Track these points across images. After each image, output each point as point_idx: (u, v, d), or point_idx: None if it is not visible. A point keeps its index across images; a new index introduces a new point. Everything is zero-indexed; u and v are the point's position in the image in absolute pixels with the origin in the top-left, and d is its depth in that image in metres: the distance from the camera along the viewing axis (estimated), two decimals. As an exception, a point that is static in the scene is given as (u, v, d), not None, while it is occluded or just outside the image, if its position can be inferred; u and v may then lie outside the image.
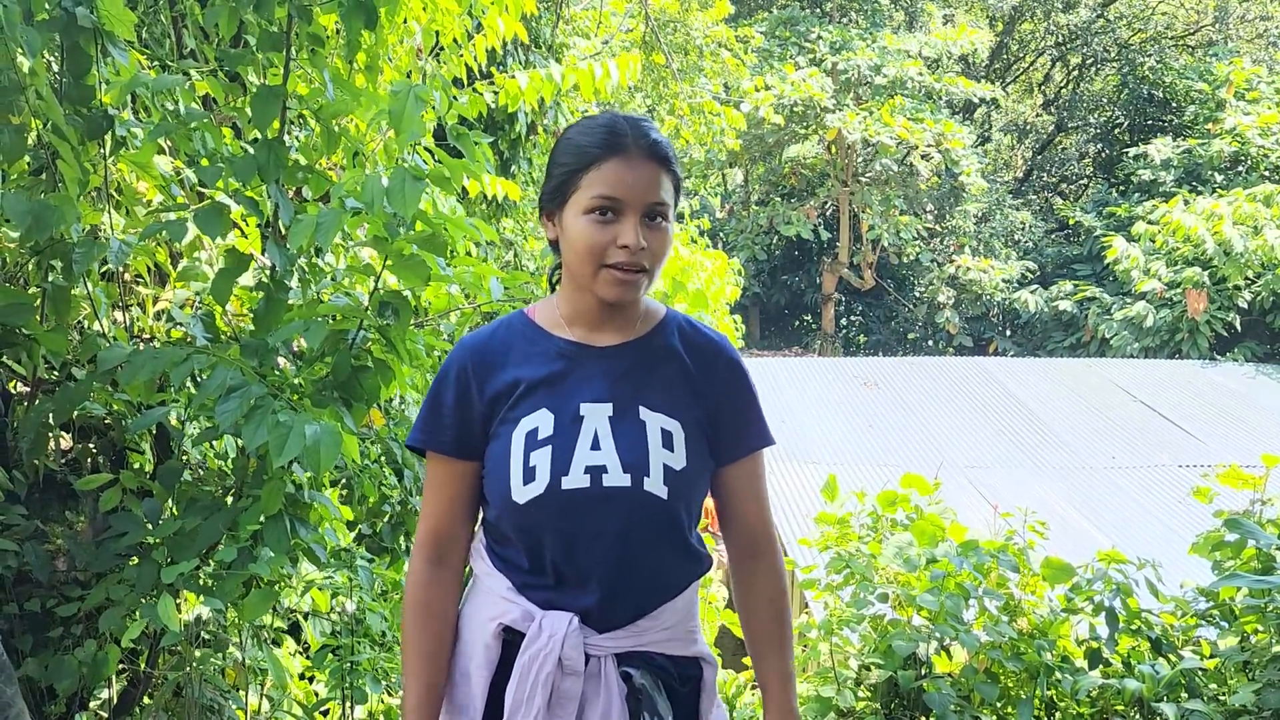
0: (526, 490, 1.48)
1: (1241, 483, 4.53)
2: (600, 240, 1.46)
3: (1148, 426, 11.49)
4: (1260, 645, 3.77)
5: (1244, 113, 17.53)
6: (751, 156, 19.82)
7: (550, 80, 4.45)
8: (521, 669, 1.47)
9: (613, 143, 1.47)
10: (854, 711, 3.69)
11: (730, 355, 1.64)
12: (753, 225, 19.71)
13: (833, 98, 17.28)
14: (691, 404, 1.56)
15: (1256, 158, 16.84)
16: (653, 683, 1.49)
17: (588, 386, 1.53)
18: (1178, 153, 17.90)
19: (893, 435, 11.01)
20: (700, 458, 1.55)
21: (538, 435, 1.50)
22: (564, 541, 1.48)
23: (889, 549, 3.82)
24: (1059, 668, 3.78)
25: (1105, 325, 16.10)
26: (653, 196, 1.47)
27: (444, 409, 1.56)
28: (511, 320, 1.62)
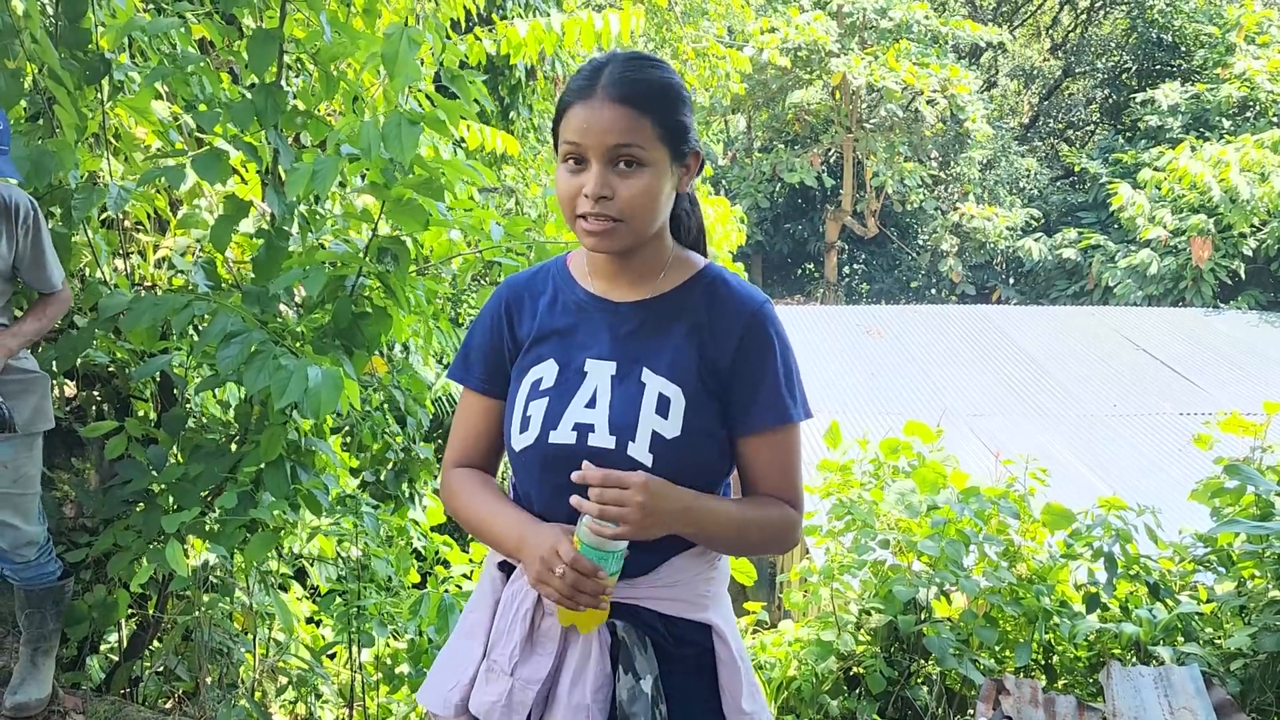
0: (521, 439, 1.48)
1: (1242, 430, 4.54)
2: (569, 190, 1.41)
3: (1150, 374, 11.49)
4: (1257, 590, 3.80)
5: (1254, 57, 17.25)
6: (755, 102, 19.58)
7: (550, 31, 4.39)
8: (504, 601, 1.50)
9: (583, 87, 1.41)
10: (854, 655, 3.74)
11: (756, 320, 1.47)
12: (755, 172, 19.53)
13: (837, 41, 17.02)
14: (699, 369, 1.46)
15: (1266, 103, 16.63)
16: (637, 637, 1.44)
17: (595, 342, 1.50)
18: (1186, 98, 17.66)
19: (895, 383, 11.01)
20: (705, 426, 1.45)
21: (540, 385, 1.49)
22: (547, 493, 1.47)
23: (891, 495, 3.84)
24: (1057, 612, 3.82)
25: (1109, 273, 16.03)
26: (612, 139, 1.37)
27: (479, 345, 1.59)
28: (553, 265, 1.60)
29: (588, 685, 1.44)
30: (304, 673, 3.15)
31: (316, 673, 3.16)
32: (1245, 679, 3.54)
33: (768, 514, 1.48)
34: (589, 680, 1.44)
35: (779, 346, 1.48)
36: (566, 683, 1.44)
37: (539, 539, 1.41)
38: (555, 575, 1.36)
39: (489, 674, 1.47)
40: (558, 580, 1.35)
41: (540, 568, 1.38)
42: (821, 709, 3.63)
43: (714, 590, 1.54)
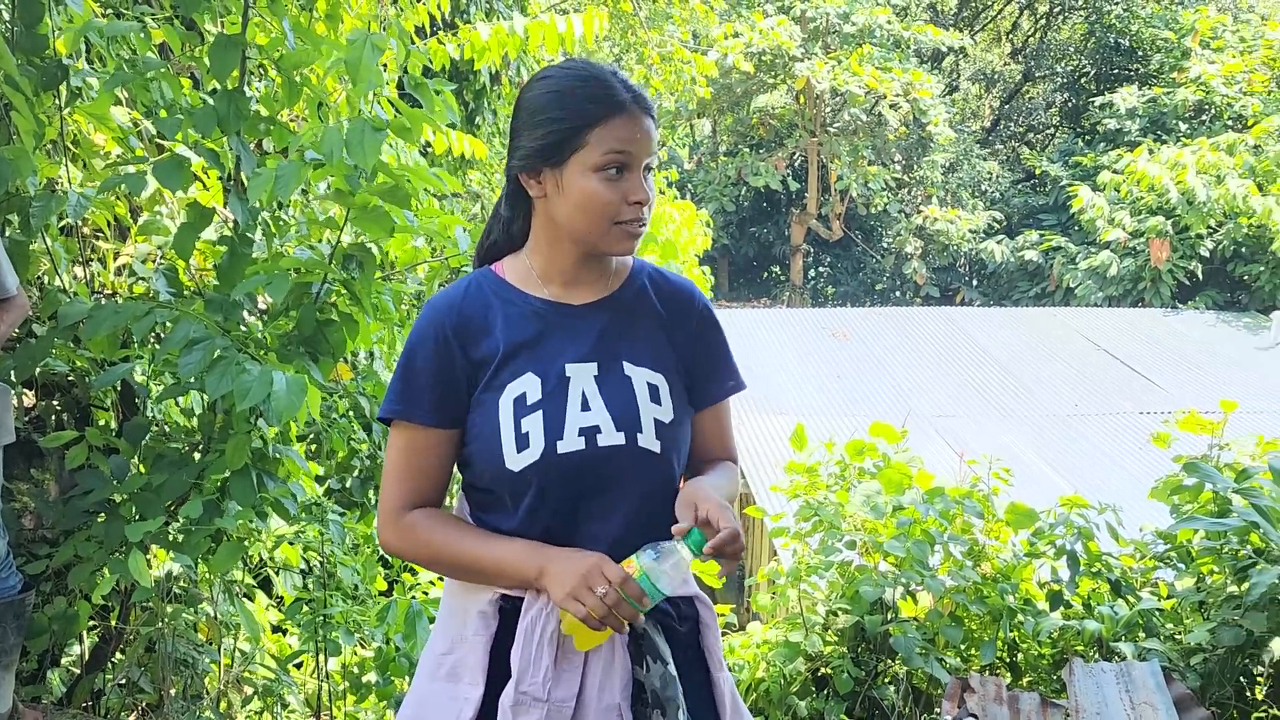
0: (521, 457, 1.46)
1: (1200, 428, 4.62)
2: (613, 198, 1.45)
3: (1110, 374, 11.67)
4: (1215, 585, 3.87)
5: (1209, 61, 17.59)
6: (720, 107, 19.66)
7: (514, 35, 4.39)
8: (525, 631, 1.46)
9: (616, 99, 1.46)
10: (822, 656, 3.76)
11: (702, 303, 1.63)
12: (721, 176, 19.62)
13: (801, 46, 17.14)
14: (670, 354, 1.57)
15: (1220, 106, 16.94)
16: (653, 626, 1.49)
17: (570, 346, 1.52)
18: (1143, 102, 17.96)
19: (861, 385, 11.10)
20: (683, 407, 1.56)
21: (526, 400, 1.48)
22: (563, 504, 1.48)
23: (857, 497, 3.87)
24: (1021, 610, 3.86)
25: (1070, 274, 16.26)
26: (653, 150, 1.49)
27: (422, 375, 1.51)
28: (480, 279, 1.57)
29: (616, 685, 1.47)
30: (270, 683, 3.13)
31: (283, 682, 3.13)
32: (1205, 673, 3.60)
33: (732, 474, 1.64)
34: (617, 680, 1.47)
35: (719, 324, 1.64)
36: (594, 689, 1.46)
37: (574, 561, 1.42)
38: (594, 593, 1.38)
39: (518, 708, 1.44)
40: (594, 599, 1.38)
41: (578, 584, 1.39)
42: (790, 710, 3.65)
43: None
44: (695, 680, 1.55)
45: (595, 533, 1.48)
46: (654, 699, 1.47)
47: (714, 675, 1.57)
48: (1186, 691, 2.85)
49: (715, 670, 1.58)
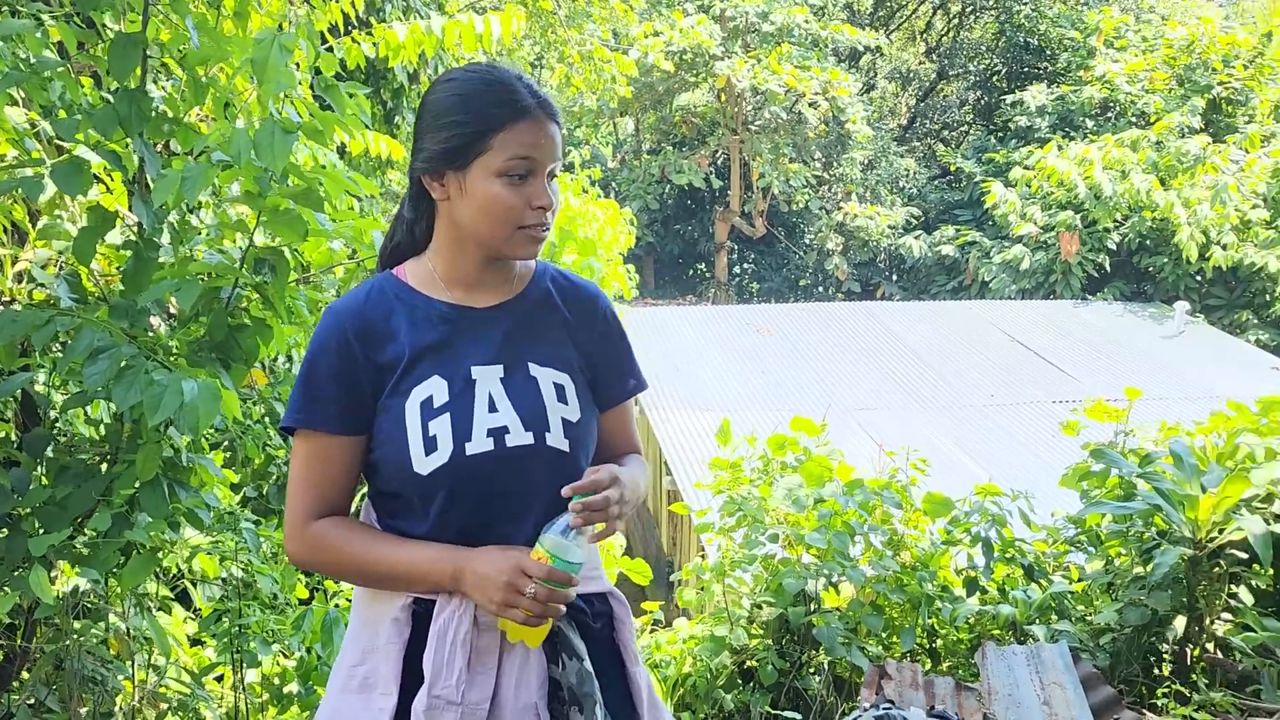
0: (430, 460, 1.45)
1: (1106, 415, 4.78)
2: (517, 202, 1.46)
3: (1024, 364, 11.99)
4: (1123, 567, 4.01)
5: (1113, 60, 18.17)
6: (642, 105, 19.72)
7: (430, 34, 4.34)
8: (438, 634, 1.45)
9: (521, 103, 1.46)
10: (747, 648, 3.80)
11: (605, 303, 1.66)
12: (645, 174, 19.68)
13: (721, 45, 17.27)
14: (575, 355, 1.59)
15: (1125, 104, 17.51)
16: (568, 623, 1.50)
17: (476, 349, 1.52)
18: (1052, 99, 18.48)
19: (785, 380, 11.23)
20: (590, 407, 1.58)
21: (433, 403, 1.47)
22: (474, 506, 1.48)
23: (779, 490, 3.92)
24: (939, 597, 3.96)
25: (985, 268, 16.66)
26: (558, 156, 1.49)
27: (325, 383, 1.49)
28: (382, 284, 1.56)
29: (532, 684, 1.47)
30: (185, 698, 3.05)
31: (199, 696, 3.06)
32: (1114, 652, 3.73)
33: (641, 468, 1.67)
34: (533, 680, 1.48)
35: (621, 326, 1.68)
36: (510, 689, 1.47)
37: (490, 564, 1.42)
38: (526, 594, 1.39)
39: (432, 712, 1.43)
40: (528, 600, 1.39)
41: (506, 593, 1.39)
42: (716, 704, 3.69)
43: (599, 559, 1.66)
44: (612, 675, 1.56)
45: (508, 532, 1.49)
46: (571, 696, 1.48)
47: (630, 670, 1.59)
48: (1093, 670, 2.95)
49: (631, 665, 1.60)
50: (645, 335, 12.57)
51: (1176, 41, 17.40)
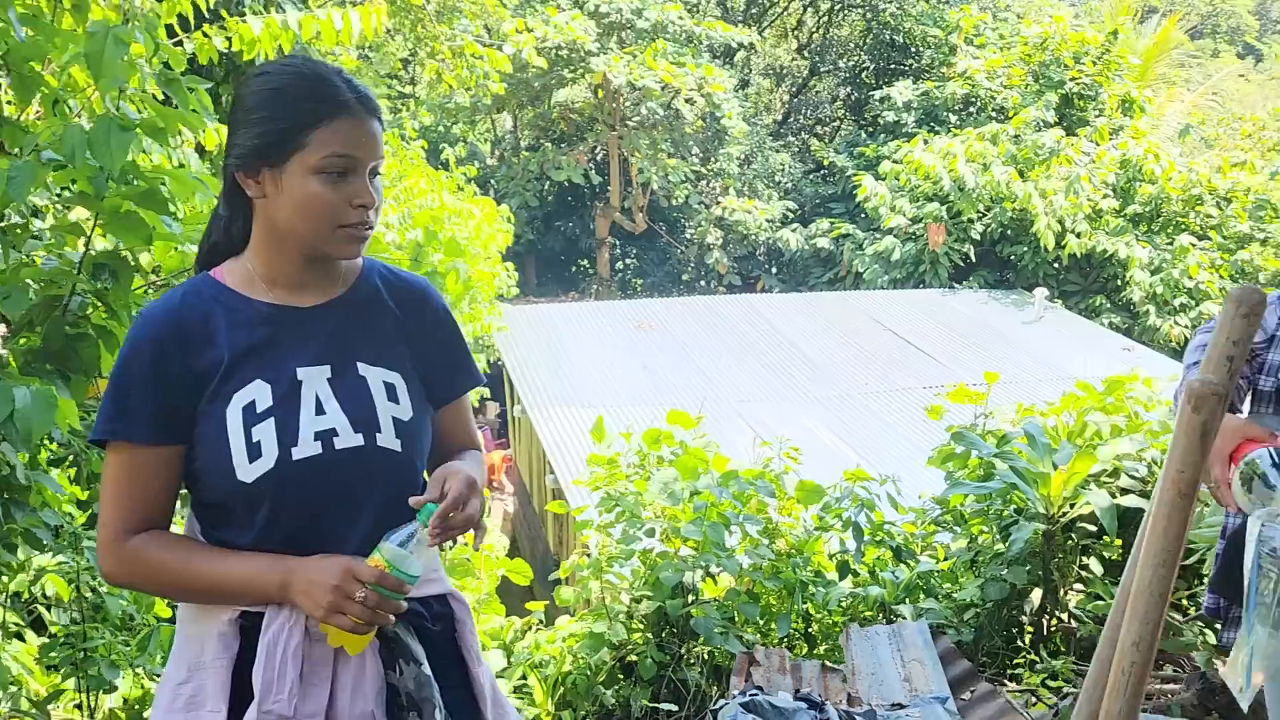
0: (254, 468, 1.40)
1: (968, 399, 4.96)
2: (336, 200, 1.42)
3: (897, 352, 12.38)
4: (985, 545, 4.17)
5: (973, 57, 18.91)
6: (519, 101, 19.58)
7: (287, 29, 4.22)
8: (267, 648, 1.40)
9: (339, 99, 1.42)
10: (627, 643, 3.82)
11: (436, 299, 1.63)
12: (523, 171, 19.54)
13: (597, 41, 17.29)
14: (406, 353, 1.56)
15: (985, 99, 18.23)
16: (405, 628, 1.48)
17: (301, 350, 1.47)
18: (917, 95, 19.12)
19: (667, 375, 11.33)
20: (422, 405, 1.55)
21: (256, 408, 1.42)
22: (304, 511, 1.43)
23: (654, 485, 3.95)
24: (813, 582, 4.05)
25: (858, 260, 17.12)
26: (380, 154, 1.46)
27: (137, 391, 1.42)
28: (199, 286, 1.50)
29: (369, 692, 1.44)
30: (35, 727, 2.89)
31: (49, 726, 2.90)
32: (978, 626, 3.88)
33: (480, 462, 1.65)
34: (369, 688, 1.44)
35: (454, 321, 1.65)
36: (346, 699, 1.43)
37: (319, 571, 1.38)
38: (354, 601, 1.35)
39: None
40: (356, 606, 1.35)
41: (334, 597, 1.36)
42: (597, 700, 3.69)
43: (439, 559, 1.63)
44: (454, 678, 1.55)
45: (342, 537, 1.45)
46: (409, 701, 1.46)
47: (473, 671, 1.58)
48: (951, 646, 3.07)
49: (474, 666, 1.58)
50: (527, 333, 12.51)
51: (1031, 39, 18.21)
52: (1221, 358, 1.15)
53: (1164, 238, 15.04)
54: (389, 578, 1.36)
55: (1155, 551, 1.12)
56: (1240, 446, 1.51)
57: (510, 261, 13.64)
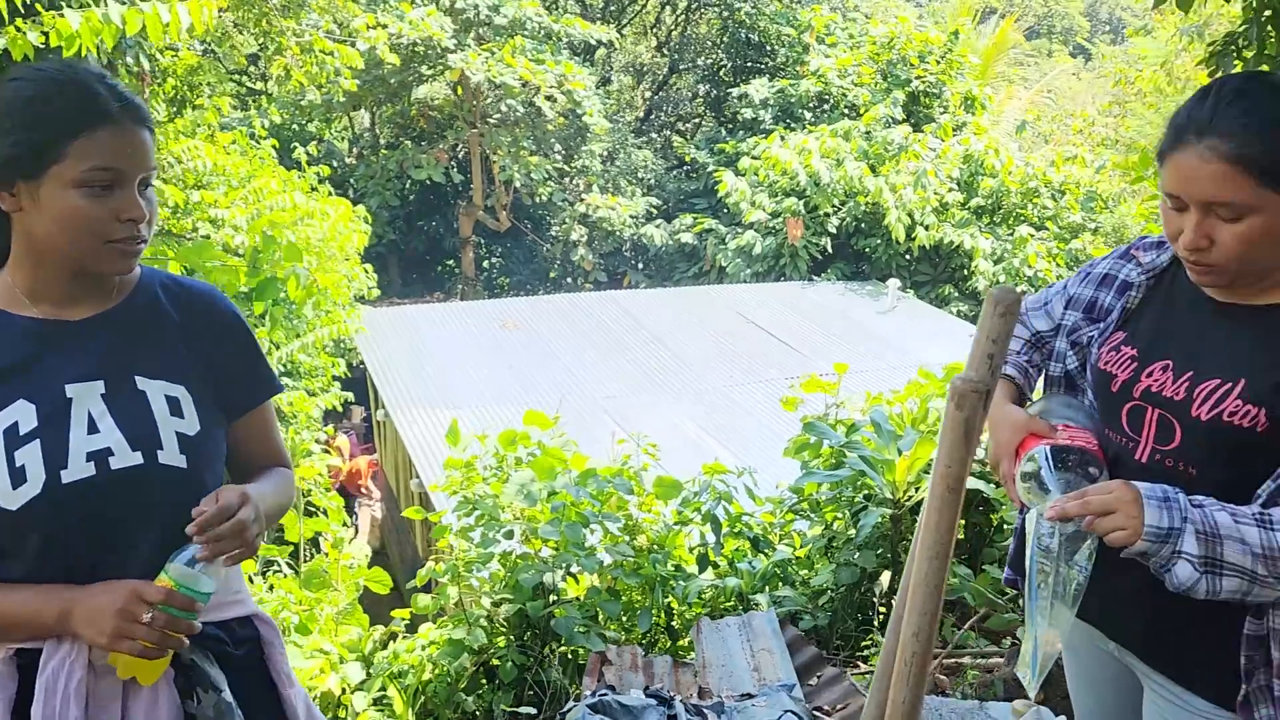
0: (18, 494, 1.32)
1: (821, 389, 5.09)
2: (101, 215, 1.34)
3: (759, 344, 12.64)
4: (840, 531, 4.29)
5: (825, 55, 19.48)
6: (376, 98, 19.11)
7: (109, 22, 4.01)
8: (46, 686, 1.32)
9: (101, 108, 1.34)
10: (487, 648, 3.78)
11: (225, 306, 1.57)
12: (382, 170, 19.08)
13: (454, 37, 17.02)
14: (193, 364, 1.49)
15: (837, 96, 18.79)
16: (203, 654, 1.42)
17: (69, 366, 1.39)
18: (773, 92, 19.55)
19: (534, 374, 11.27)
20: (214, 418, 1.49)
21: (19, 430, 1.34)
22: (81, 538, 1.35)
23: (511, 487, 3.92)
24: (673, 576, 4.09)
25: (722, 254, 17.40)
26: (150, 164, 1.39)
27: None
28: None
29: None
30: None
31: None
32: (832, 611, 3.99)
33: (282, 479, 1.58)
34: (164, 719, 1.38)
35: (247, 326, 1.58)
36: None
37: (101, 597, 1.31)
38: (142, 625, 1.28)
39: None
40: (144, 629, 1.28)
41: (119, 621, 1.28)
42: (458, 707, 3.64)
43: (241, 580, 1.57)
44: (263, 701, 1.50)
45: (125, 562, 1.37)
46: None
47: (284, 693, 1.54)
48: (798, 633, 3.14)
49: (285, 688, 1.54)
50: (390, 335, 12.25)
51: (879, 39, 18.87)
52: (983, 355, 1.21)
53: (1005, 229, 15.82)
54: (177, 596, 1.30)
55: (929, 545, 1.17)
56: (1025, 441, 1.59)
57: (371, 263, 13.31)
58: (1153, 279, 1.67)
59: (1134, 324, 1.66)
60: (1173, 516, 1.40)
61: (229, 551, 1.34)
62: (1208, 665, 1.55)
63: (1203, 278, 1.51)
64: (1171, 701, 1.61)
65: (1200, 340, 1.55)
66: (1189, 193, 1.43)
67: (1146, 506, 1.41)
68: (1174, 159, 1.45)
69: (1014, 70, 28.71)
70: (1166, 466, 1.53)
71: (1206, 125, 1.41)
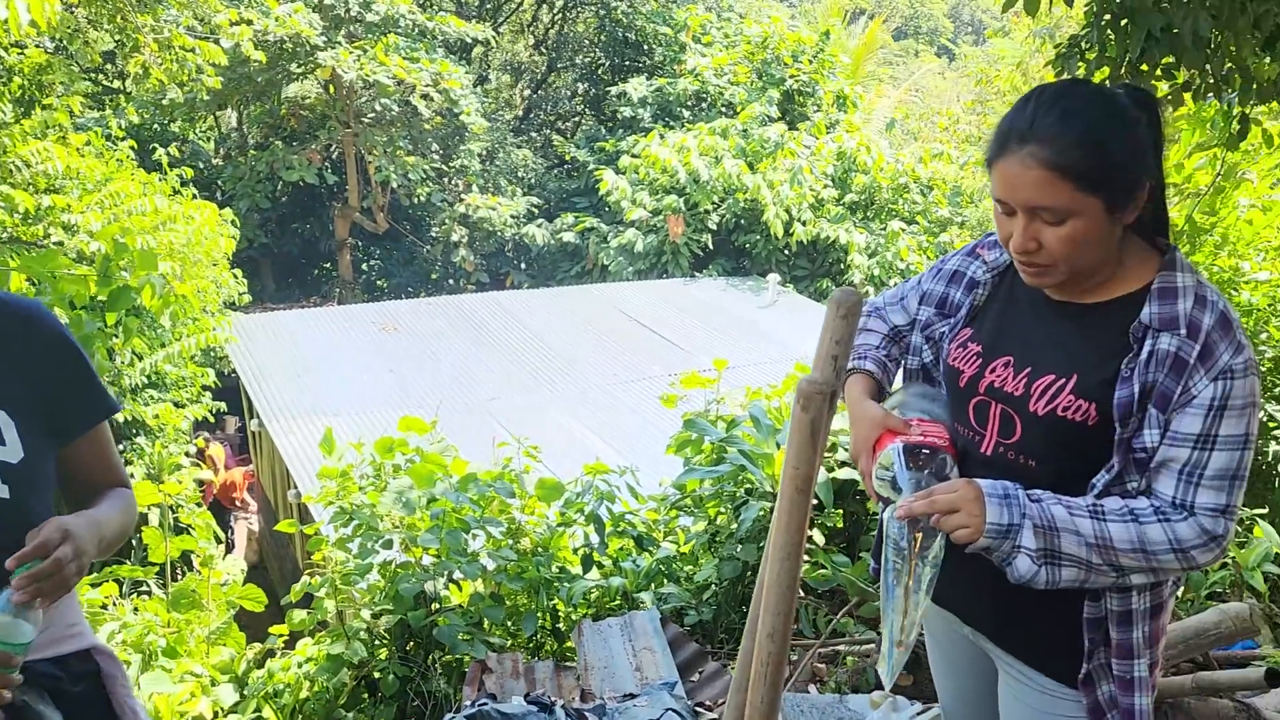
0: None
1: (700, 385, 5.13)
2: None
3: (642, 341, 12.69)
4: (723, 525, 4.33)
5: (701, 54, 19.70)
6: (243, 97, 18.45)
7: (-65, 14, 3.76)
8: None
9: None
10: (368, 661, 3.68)
11: (48, 325, 1.47)
12: (251, 171, 18.42)
13: (323, 35, 16.56)
14: (13, 387, 1.40)
15: (714, 95, 19.03)
16: (36, 693, 1.34)
17: None
18: (651, 91, 19.67)
19: (415, 377, 11.07)
20: (42, 443, 1.41)
21: None
22: None
23: (389, 496, 3.83)
24: (557, 579, 4.06)
25: (604, 253, 17.42)
26: None
27: None
28: None
29: None
30: None
31: None
32: (716, 605, 4.03)
33: (125, 500, 1.50)
34: None
35: (75, 344, 1.49)
36: None
37: None
38: None
39: None
40: None
41: None
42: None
43: (78, 613, 1.50)
44: None
45: None
46: None
47: None
48: (680, 630, 3.16)
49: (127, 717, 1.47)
50: (264, 342, 11.86)
51: (753, 38, 19.18)
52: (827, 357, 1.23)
53: (878, 223, 16.29)
54: None
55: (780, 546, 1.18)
56: (881, 438, 1.63)
57: (242, 267, 12.85)
58: (997, 277, 1.73)
59: (980, 321, 1.71)
60: (1012, 513, 1.46)
61: (46, 594, 1.25)
62: (1053, 647, 1.62)
63: (1034, 279, 1.57)
64: (1022, 681, 1.68)
65: (1037, 337, 1.61)
66: (1014, 198, 1.49)
67: (988, 504, 1.46)
68: (999, 166, 1.50)
69: (883, 70, 29.61)
70: (1009, 459, 1.60)
71: (1026, 132, 1.46)
